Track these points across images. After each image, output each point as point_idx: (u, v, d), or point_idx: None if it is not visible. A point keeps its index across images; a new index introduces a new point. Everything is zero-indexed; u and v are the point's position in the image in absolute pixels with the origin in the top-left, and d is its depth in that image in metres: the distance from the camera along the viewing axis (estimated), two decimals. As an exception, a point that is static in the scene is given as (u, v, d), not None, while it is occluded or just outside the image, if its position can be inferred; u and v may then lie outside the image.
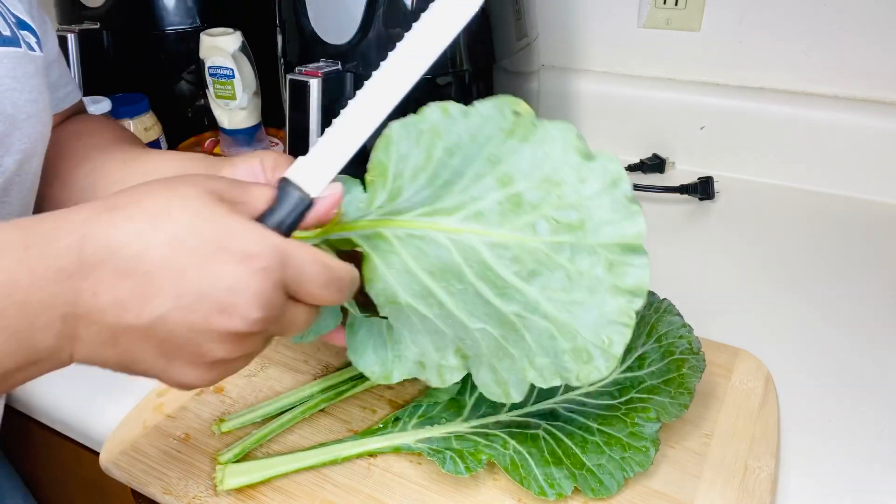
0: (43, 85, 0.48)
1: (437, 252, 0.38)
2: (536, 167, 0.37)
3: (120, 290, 0.30)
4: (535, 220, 0.37)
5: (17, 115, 0.44)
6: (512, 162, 0.37)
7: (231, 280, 0.30)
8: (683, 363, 0.48)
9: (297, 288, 0.33)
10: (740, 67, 0.83)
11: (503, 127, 0.38)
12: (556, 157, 0.37)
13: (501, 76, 0.70)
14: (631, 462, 0.43)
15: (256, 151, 0.44)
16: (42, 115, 0.47)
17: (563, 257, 0.37)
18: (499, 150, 0.38)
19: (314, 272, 0.33)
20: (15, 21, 0.47)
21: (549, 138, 0.37)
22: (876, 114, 0.76)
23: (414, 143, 0.39)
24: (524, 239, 0.37)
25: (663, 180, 0.85)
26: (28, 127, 0.45)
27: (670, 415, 0.45)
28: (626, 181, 0.37)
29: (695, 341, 0.50)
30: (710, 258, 0.70)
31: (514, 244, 0.37)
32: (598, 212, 0.37)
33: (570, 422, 0.45)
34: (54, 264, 0.29)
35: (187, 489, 0.44)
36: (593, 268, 0.37)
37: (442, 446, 0.44)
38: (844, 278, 0.65)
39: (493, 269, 0.37)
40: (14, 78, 0.44)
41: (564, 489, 0.41)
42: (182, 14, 0.83)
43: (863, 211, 0.76)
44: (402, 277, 0.39)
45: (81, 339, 0.31)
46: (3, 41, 0.44)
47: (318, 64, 0.66)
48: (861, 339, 0.57)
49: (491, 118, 0.38)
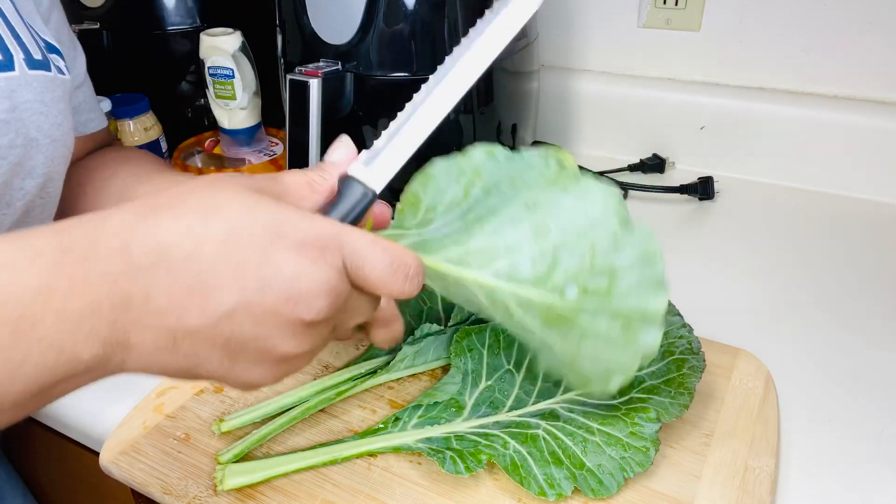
0: (67, 109, 0.48)
1: (465, 293, 0.39)
2: (573, 222, 0.37)
3: (176, 290, 0.28)
4: (566, 284, 0.37)
5: (41, 140, 0.44)
6: (550, 211, 0.37)
7: (293, 268, 0.29)
8: (683, 363, 0.48)
9: (359, 273, 0.32)
10: (740, 67, 0.83)
11: (546, 175, 0.38)
12: (594, 217, 0.37)
13: (501, 76, 0.70)
14: (631, 462, 0.43)
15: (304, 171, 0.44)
16: (65, 139, 0.47)
17: (584, 319, 0.38)
18: (538, 197, 0.38)
19: (375, 256, 0.32)
20: (45, 45, 0.48)
21: (591, 196, 0.37)
22: (876, 114, 0.76)
23: (453, 181, 0.40)
24: (552, 302, 0.37)
25: (663, 180, 0.85)
26: (51, 150, 0.45)
27: (670, 415, 0.45)
28: (661, 261, 0.37)
29: (695, 341, 0.50)
30: (710, 258, 0.70)
31: (540, 303, 0.37)
32: (626, 282, 0.37)
33: (570, 422, 0.45)
34: (96, 268, 0.27)
35: (187, 489, 0.44)
36: (610, 330, 0.38)
37: (442, 446, 0.44)
38: (844, 278, 0.65)
39: (516, 317, 0.38)
40: (42, 102, 0.44)
41: (564, 489, 0.41)
42: (182, 14, 0.83)
43: (863, 211, 0.76)
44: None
45: (135, 346, 0.29)
46: (34, 64, 0.44)
47: (318, 64, 0.66)
48: (861, 339, 0.57)
49: (535, 166, 0.39)
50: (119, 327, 0.28)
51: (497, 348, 0.50)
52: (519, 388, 0.48)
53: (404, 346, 0.52)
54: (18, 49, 0.43)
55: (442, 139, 0.72)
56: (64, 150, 0.47)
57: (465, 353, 0.50)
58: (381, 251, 0.32)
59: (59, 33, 0.54)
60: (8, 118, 0.41)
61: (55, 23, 0.54)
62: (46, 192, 0.46)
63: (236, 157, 0.80)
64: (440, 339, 0.53)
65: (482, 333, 0.51)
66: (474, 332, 0.51)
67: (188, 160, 0.82)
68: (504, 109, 0.73)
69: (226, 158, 0.81)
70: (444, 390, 0.48)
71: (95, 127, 0.59)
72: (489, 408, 0.47)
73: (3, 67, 0.41)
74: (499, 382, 0.48)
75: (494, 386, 0.48)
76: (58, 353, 0.27)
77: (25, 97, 0.43)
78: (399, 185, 0.40)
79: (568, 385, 0.41)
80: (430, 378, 0.53)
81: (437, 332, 0.53)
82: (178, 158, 0.81)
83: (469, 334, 0.51)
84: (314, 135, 0.64)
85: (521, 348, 0.50)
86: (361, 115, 0.68)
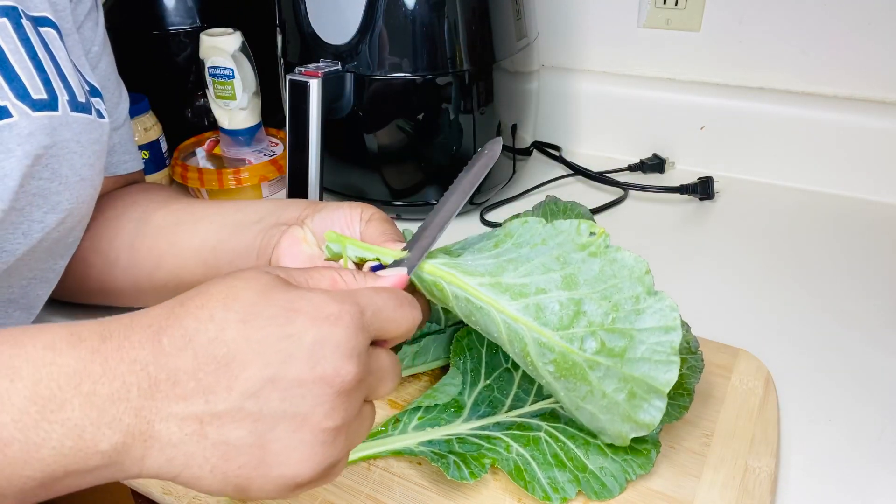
0: (102, 151, 0.50)
1: (487, 323, 0.40)
2: (602, 281, 0.39)
3: (202, 375, 0.29)
4: (586, 336, 0.38)
5: (71, 178, 0.46)
6: (579, 268, 0.39)
7: (313, 334, 0.30)
8: (683, 362, 0.48)
9: (377, 322, 0.33)
10: (740, 67, 0.83)
11: (577, 241, 0.40)
12: (621, 280, 0.39)
13: (501, 76, 0.70)
14: (633, 464, 0.43)
15: (356, 204, 0.47)
16: (94, 179, 0.49)
17: (594, 375, 0.39)
18: (569, 255, 0.40)
19: (386, 298, 0.34)
20: (88, 89, 0.50)
21: (620, 261, 0.39)
22: (876, 114, 0.76)
23: (483, 238, 0.43)
24: (570, 350, 0.39)
25: (663, 180, 0.85)
26: (79, 189, 0.47)
27: (670, 417, 0.45)
28: (678, 333, 0.39)
29: (693, 341, 0.50)
30: (710, 258, 0.70)
31: (558, 350, 0.39)
32: (641, 347, 0.39)
33: (571, 423, 0.45)
34: (129, 355, 0.28)
35: (187, 489, 0.44)
36: (616, 393, 0.40)
37: (444, 449, 0.44)
38: (844, 278, 0.65)
39: (531, 357, 0.39)
40: (78, 143, 0.46)
41: (568, 493, 0.41)
42: (182, 14, 0.83)
43: (863, 211, 0.76)
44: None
45: (158, 436, 0.28)
46: (77, 107, 0.46)
47: (318, 64, 0.66)
48: (861, 339, 0.57)
49: (567, 232, 0.41)
50: (143, 416, 0.28)
51: (496, 347, 0.50)
52: (517, 387, 0.48)
53: (403, 345, 0.52)
54: (64, 91, 0.46)
55: (442, 139, 0.72)
56: (91, 189, 0.49)
57: (465, 353, 0.50)
58: (389, 292, 0.34)
59: (106, 79, 0.58)
60: (43, 153, 0.43)
61: (103, 69, 0.57)
62: (64, 225, 0.47)
63: (236, 157, 0.80)
64: (440, 339, 0.53)
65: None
66: (474, 332, 0.51)
67: (188, 160, 0.82)
68: (504, 109, 0.73)
69: (226, 158, 0.81)
70: (444, 391, 0.48)
71: (128, 169, 0.61)
72: (489, 407, 0.47)
73: (48, 107, 0.44)
74: (497, 381, 0.48)
75: (493, 385, 0.48)
76: (77, 438, 0.27)
77: (64, 136, 0.45)
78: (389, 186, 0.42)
79: None
80: (429, 378, 0.53)
81: (436, 331, 0.53)
82: (177, 158, 0.81)
83: (469, 333, 0.51)
84: (314, 135, 0.64)
85: None
86: (361, 115, 0.68)
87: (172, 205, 0.56)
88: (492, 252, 0.41)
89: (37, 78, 0.44)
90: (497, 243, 0.42)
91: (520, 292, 0.39)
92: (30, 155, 0.42)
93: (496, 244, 0.42)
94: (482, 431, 0.46)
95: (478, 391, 0.48)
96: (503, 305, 0.39)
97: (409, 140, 0.70)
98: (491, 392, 0.48)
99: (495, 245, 0.42)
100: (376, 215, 0.46)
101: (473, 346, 0.50)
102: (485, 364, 0.49)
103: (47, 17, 0.48)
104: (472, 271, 0.40)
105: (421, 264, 0.40)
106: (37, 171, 0.43)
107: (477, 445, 0.44)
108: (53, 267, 0.51)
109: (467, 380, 0.48)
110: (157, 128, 0.80)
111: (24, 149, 0.42)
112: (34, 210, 0.45)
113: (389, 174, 0.73)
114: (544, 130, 0.94)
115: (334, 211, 0.47)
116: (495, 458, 0.43)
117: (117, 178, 0.60)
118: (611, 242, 0.40)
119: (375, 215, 0.46)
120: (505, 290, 0.39)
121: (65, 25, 0.51)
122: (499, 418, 0.46)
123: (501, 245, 0.42)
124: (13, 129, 0.42)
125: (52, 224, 0.46)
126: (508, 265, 0.40)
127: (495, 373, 0.49)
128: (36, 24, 0.46)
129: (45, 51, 0.46)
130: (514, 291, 0.39)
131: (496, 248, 0.41)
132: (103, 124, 0.50)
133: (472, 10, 0.65)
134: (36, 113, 0.43)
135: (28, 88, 0.43)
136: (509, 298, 0.39)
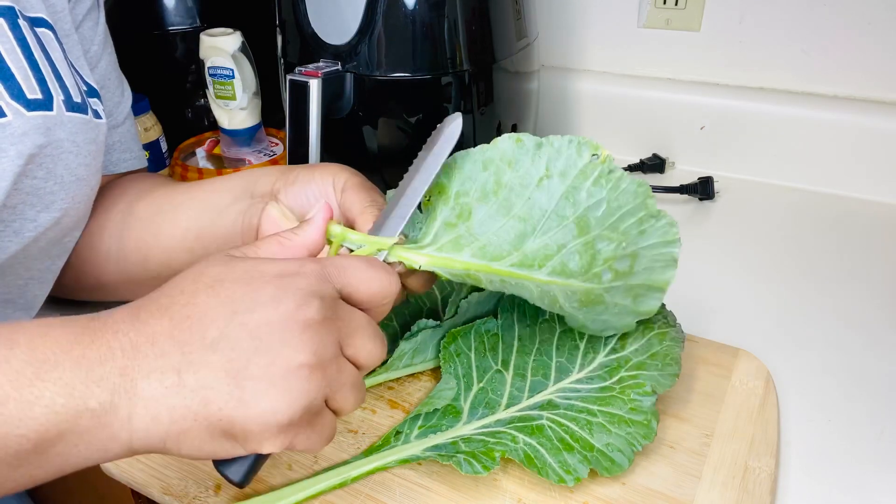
0: (99, 151, 0.50)
1: (520, 291, 0.43)
2: (610, 215, 0.42)
3: (177, 332, 0.32)
4: (603, 271, 0.43)
5: (66, 178, 0.46)
6: (588, 206, 0.42)
7: (276, 283, 0.33)
8: (664, 335, 0.49)
9: (343, 278, 0.36)
10: (740, 67, 0.83)
11: (579, 166, 0.42)
12: (627, 209, 0.42)
13: (501, 76, 0.70)
14: (637, 436, 0.43)
15: (331, 166, 0.47)
16: (90, 180, 0.49)
17: (609, 296, 0.44)
18: (576, 190, 0.42)
19: (352, 259, 0.37)
20: (86, 89, 0.50)
21: (625, 188, 0.42)
22: (876, 114, 0.76)
23: (480, 168, 0.43)
24: (591, 288, 0.43)
25: (663, 180, 0.85)
26: (74, 189, 0.47)
27: (663, 385, 0.46)
28: (678, 245, 0.44)
29: (670, 315, 0.52)
30: (709, 258, 0.70)
31: (582, 290, 0.43)
32: (644, 261, 0.43)
33: (570, 408, 0.46)
34: (112, 327, 0.32)
35: (187, 489, 0.44)
36: (624, 299, 0.45)
37: (451, 452, 0.44)
38: (844, 278, 0.65)
39: (560, 303, 0.43)
40: (73, 142, 0.46)
41: (581, 473, 0.42)
42: (182, 14, 0.83)
43: (863, 211, 0.76)
44: None
45: (142, 393, 0.31)
46: (73, 107, 0.47)
47: (318, 64, 0.66)
48: (861, 338, 0.57)
49: (567, 155, 0.42)
50: (128, 375, 0.31)
51: (483, 350, 0.50)
52: (511, 385, 0.48)
53: (401, 342, 0.52)
54: (59, 91, 0.46)
55: (442, 139, 0.71)
56: (87, 189, 0.49)
57: (454, 359, 0.50)
58: (354, 256, 0.37)
59: (106, 77, 0.58)
60: (37, 153, 0.43)
61: (103, 68, 0.57)
62: (60, 224, 0.47)
63: (236, 158, 0.80)
64: (438, 334, 0.53)
65: (467, 336, 0.51)
66: (460, 336, 0.51)
67: (188, 160, 0.82)
68: (504, 109, 0.73)
69: (226, 158, 0.81)
70: (441, 396, 0.48)
71: (129, 167, 0.61)
72: (486, 409, 0.47)
73: (42, 106, 0.44)
74: (490, 383, 0.49)
75: (487, 387, 0.48)
76: (68, 396, 0.29)
77: (59, 136, 0.45)
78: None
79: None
80: (429, 377, 0.53)
81: (433, 326, 0.53)
82: (178, 158, 0.81)
83: (455, 338, 0.51)
84: (314, 135, 0.64)
85: (506, 348, 0.50)
86: (361, 115, 0.68)
87: (155, 192, 0.55)
88: (500, 199, 0.42)
89: (32, 78, 0.44)
90: (498, 178, 0.42)
91: (544, 255, 0.42)
92: (23, 154, 0.42)
93: (497, 179, 0.42)
94: (486, 429, 0.46)
95: (473, 395, 0.48)
96: (534, 275, 0.42)
97: (409, 140, 0.70)
98: (486, 394, 0.48)
99: (497, 181, 0.42)
100: (350, 181, 0.45)
101: (461, 351, 0.50)
102: (475, 367, 0.49)
103: (43, 19, 0.48)
104: (498, 253, 0.42)
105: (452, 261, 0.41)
106: (31, 171, 0.43)
107: (483, 442, 0.44)
108: (51, 268, 0.51)
109: (461, 385, 0.48)
110: (157, 128, 0.81)
111: (18, 148, 0.42)
112: (27, 209, 0.44)
113: (389, 174, 0.73)
114: (544, 130, 0.94)
115: (307, 185, 0.46)
116: (504, 450, 0.43)
117: (117, 175, 0.60)
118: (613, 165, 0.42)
119: (349, 182, 0.45)
120: (532, 261, 0.42)
121: (62, 26, 0.51)
122: (499, 416, 0.47)
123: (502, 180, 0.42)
124: (7, 129, 0.42)
125: (45, 224, 0.46)
126: (526, 226, 0.42)
127: (487, 375, 0.49)
128: (32, 25, 0.46)
129: (41, 51, 0.46)
130: (540, 258, 0.42)
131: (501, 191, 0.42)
132: (100, 125, 0.49)
133: (472, 10, 0.65)
134: (30, 112, 0.43)
135: (23, 88, 0.43)
136: (537, 268, 0.42)
